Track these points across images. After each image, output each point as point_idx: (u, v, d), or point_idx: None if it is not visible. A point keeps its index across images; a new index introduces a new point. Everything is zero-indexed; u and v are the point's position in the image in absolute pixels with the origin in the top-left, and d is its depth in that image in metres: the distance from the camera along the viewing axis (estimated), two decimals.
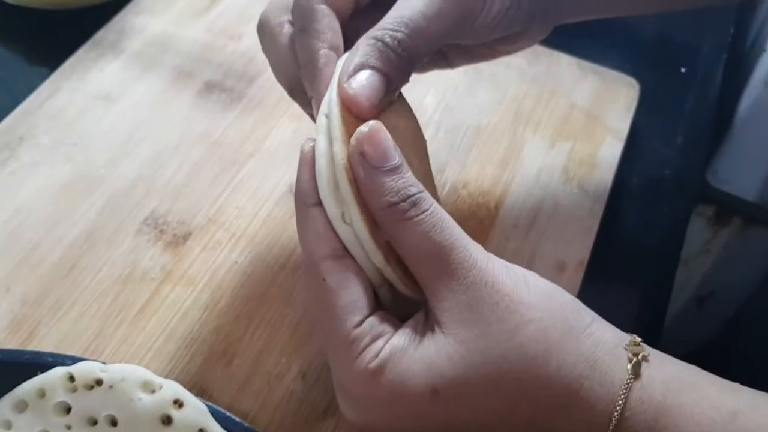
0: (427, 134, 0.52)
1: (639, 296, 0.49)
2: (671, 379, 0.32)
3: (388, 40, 0.34)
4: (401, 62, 0.34)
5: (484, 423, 0.31)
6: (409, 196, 0.32)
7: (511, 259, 0.46)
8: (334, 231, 0.32)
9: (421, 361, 0.31)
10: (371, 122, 0.32)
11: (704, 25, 0.66)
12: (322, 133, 0.33)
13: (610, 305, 0.42)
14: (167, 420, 0.35)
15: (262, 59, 0.40)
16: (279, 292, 0.44)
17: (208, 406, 0.35)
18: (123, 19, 0.58)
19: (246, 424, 0.36)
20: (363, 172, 0.32)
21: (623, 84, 0.58)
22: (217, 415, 0.35)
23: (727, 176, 0.72)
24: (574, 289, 0.46)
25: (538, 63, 0.58)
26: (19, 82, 0.55)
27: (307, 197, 0.33)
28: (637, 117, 0.56)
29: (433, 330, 0.32)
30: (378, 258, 0.32)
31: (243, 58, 0.56)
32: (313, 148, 0.33)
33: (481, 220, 0.49)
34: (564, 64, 0.59)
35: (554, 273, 0.47)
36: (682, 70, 0.62)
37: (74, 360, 0.36)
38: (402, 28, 0.34)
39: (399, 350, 0.31)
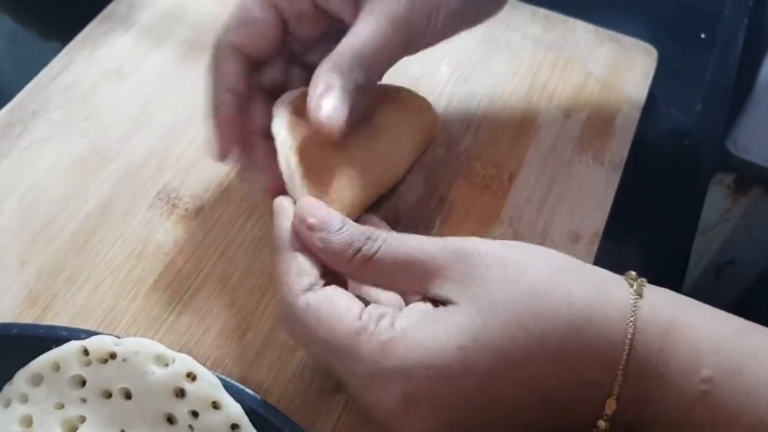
0: (440, 105, 0.52)
1: (656, 266, 0.48)
2: (677, 301, 0.33)
3: (346, 65, 0.37)
4: (362, 83, 0.38)
5: (516, 374, 0.32)
6: (367, 238, 0.34)
7: (526, 232, 0.46)
8: (311, 265, 0.35)
9: (439, 327, 0.32)
10: (303, 199, 0.36)
11: None
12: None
13: None
14: (180, 393, 0.35)
15: None
16: None
17: (221, 379, 0.36)
18: None
19: (259, 397, 0.36)
20: (317, 241, 0.34)
21: (641, 51, 0.57)
22: (229, 388, 0.35)
23: (747, 144, 0.71)
24: (590, 260, 0.46)
25: (554, 30, 0.57)
26: (31, 56, 0.55)
27: (286, 242, 0.35)
28: (655, 85, 0.55)
29: (444, 304, 0.33)
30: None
31: None
32: (284, 205, 0.37)
33: (495, 192, 0.48)
34: (580, 31, 0.58)
35: (569, 244, 0.46)
36: (702, 36, 0.61)
37: (89, 334, 0.37)
38: (357, 54, 0.37)
39: (412, 325, 0.32)
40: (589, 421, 0.33)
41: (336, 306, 0.33)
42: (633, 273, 0.34)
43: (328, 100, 0.36)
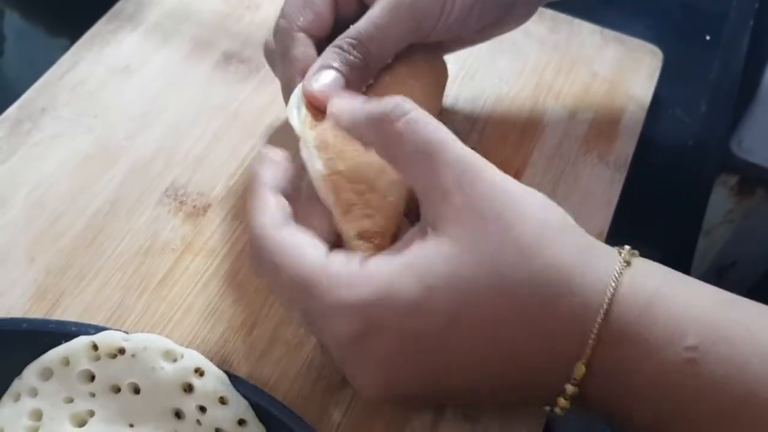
0: (446, 104, 0.52)
1: None
2: (664, 273, 0.33)
3: (344, 46, 0.39)
4: (357, 64, 0.39)
5: (482, 322, 0.31)
6: (397, 103, 0.34)
7: None
8: (283, 204, 0.35)
9: (408, 263, 0.32)
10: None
11: None
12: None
13: None
14: (188, 388, 0.36)
15: None
16: None
17: (228, 375, 0.36)
18: None
19: (265, 393, 0.36)
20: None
21: (646, 52, 0.57)
22: (237, 384, 0.36)
23: (751, 146, 0.71)
24: None
25: (560, 31, 0.57)
26: (40, 54, 0.55)
27: (263, 181, 0.36)
28: (660, 86, 0.56)
29: (425, 233, 0.33)
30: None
31: (261, 28, 0.56)
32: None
33: None
34: (586, 32, 0.58)
35: None
36: (707, 37, 0.61)
37: (97, 329, 0.37)
38: (356, 36, 0.40)
39: (382, 261, 0.32)
40: (558, 389, 0.32)
41: (304, 241, 0.34)
42: (627, 246, 0.34)
43: (321, 75, 0.38)
